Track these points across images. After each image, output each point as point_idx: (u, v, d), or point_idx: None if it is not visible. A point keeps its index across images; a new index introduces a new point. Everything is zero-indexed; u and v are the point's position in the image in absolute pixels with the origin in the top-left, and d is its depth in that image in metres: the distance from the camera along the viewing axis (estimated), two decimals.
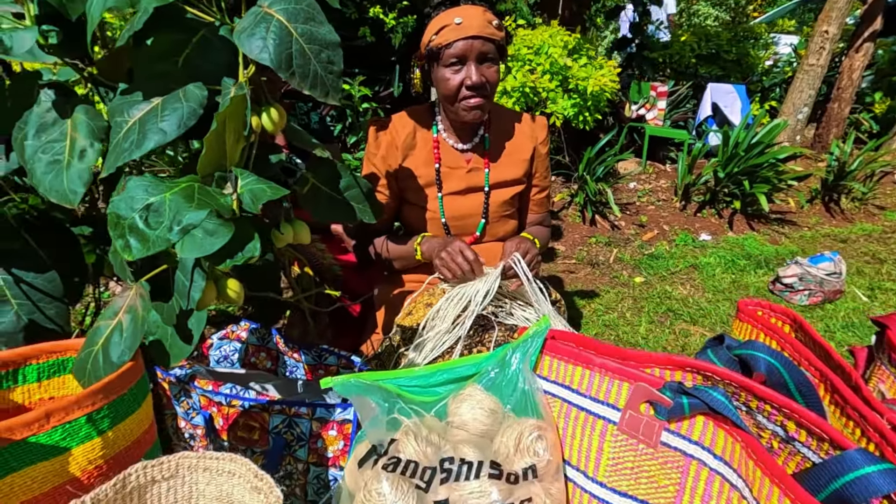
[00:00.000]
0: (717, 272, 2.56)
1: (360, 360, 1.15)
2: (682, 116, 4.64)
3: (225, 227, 0.60)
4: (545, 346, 0.66)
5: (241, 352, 1.27)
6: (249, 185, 0.61)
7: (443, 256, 1.04)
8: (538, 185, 1.27)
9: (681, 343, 1.99)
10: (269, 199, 0.60)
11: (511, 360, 0.65)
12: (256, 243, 0.64)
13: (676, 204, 3.43)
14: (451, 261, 1.03)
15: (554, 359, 0.65)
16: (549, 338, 0.68)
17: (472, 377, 0.70)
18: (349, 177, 1.11)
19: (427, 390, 0.71)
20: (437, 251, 1.07)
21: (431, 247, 1.12)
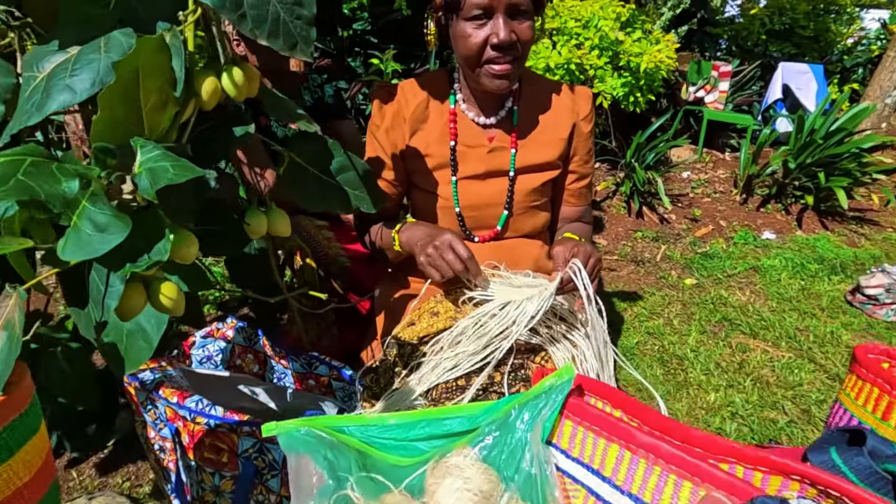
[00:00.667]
0: (783, 277, 2.24)
1: (352, 373, 0.98)
2: (747, 100, 4.19)
3: (119, 222, 0.43)
4: (567, 404, 0.46)
5: (227, 352, 1.12)
6: (150, 163, 0.44)
7: (429, 253, 0.85)
8: (577, 172, 1.04)
9: (738, 360, 1.72)
10: (171, 181, 0.43)
11: (516, 423, 0.45)
12: (166, 243, 0.47)
13: (736, 197, 3.08)
14: (438, 258, 0.84)
15: (579, 425, 0.45)
16: (573, 388, 0.48)
17: (464, 435, 0.51)
18: (342, 156, 0.93)
19: (404, 445, 0.53)
20: (422, 246, 0.88)
21: (413, 238, 0.93)
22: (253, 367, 1.12)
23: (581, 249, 0.83)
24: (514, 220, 1.01)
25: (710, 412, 1.51)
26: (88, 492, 1.30)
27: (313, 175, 0.91)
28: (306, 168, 0.90)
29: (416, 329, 0.90)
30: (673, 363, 1.72)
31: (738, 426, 1.45)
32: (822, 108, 2.98)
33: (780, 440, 1.40)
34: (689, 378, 1.64)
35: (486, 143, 0.97)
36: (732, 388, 1.61)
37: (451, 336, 0.81)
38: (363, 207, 0.93)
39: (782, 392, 1.58)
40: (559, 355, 0.83)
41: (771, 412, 1.51)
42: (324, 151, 0.91)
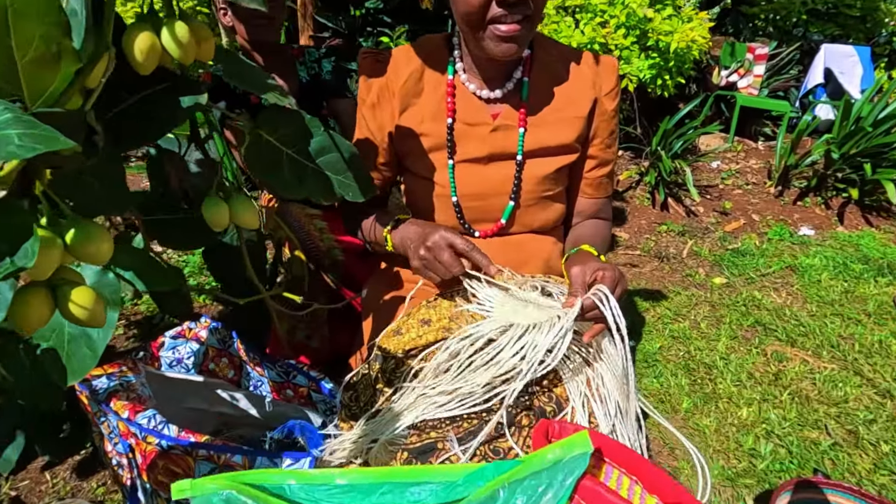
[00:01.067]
0: (824, 278, 2.04)
1: (332, 386, 0.85)
2: (784, 85, 3.92)
3: None
4: (579, 487, 0.32)
5: (199, 355, 1.01)
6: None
7: (423, 256, 0.72)
8: (597, 158, 0.89)
9: (773, 370, 1.56)
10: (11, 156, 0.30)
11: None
12: (34, 244, 0.35)
13: (770, 189, 2.86)
14: (433, 261, 0.70)
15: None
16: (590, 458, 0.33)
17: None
18: (324, 136, 0.80)
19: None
20: (414, 248, 0.74)
21: (405, 238, 0.80)
22: (228, 373, 1.00)
23: (607, 274, 0.68)
24: (522, 212, 0.86)
25: (743, 430, 1.35)
26: (60, 497, 1.21)
27: (289, 157, 0.78)
28: (280, 149, 0.77)
29: (402, 339, 0.77)
30: (700, 372, 1.56)
31: (773, 447, 1.30)
32: (870, 94, 2.73)
33: (824, 469, 1.24)
34: (719, 389, 1.48)
35: (489, 120, 0.82)
36: (767, 402, 1.44)
37: (436, 363, 0.68)
38: (349, 196, 0.80)
39: (824, 409, 1.41)
40: (572, 382, 0.69)
41: (812, 432, 1.35)
42: (301, 129, 0.78)
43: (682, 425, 1.38)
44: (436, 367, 0.68)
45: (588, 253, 0.77)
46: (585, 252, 0.78)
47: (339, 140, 0.79)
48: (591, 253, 0.77)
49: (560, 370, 0.70)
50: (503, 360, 0.64)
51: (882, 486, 1.19)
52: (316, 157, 0.79)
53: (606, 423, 0.65)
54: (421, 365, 0.71)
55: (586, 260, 0.72)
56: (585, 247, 0.80)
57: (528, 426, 0.65)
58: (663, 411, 1.43)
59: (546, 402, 0.67)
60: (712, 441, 1.32)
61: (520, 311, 0.71)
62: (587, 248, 0.79)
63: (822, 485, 0.95)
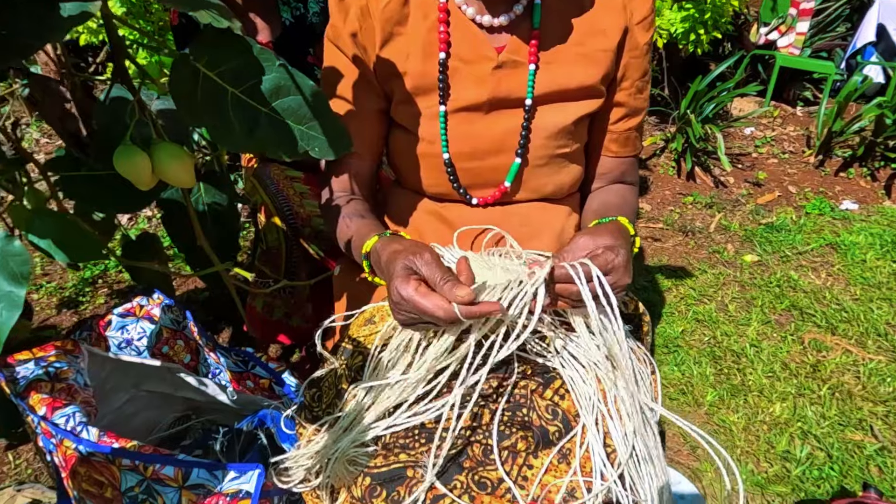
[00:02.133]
0: (869, 257, 1.84)
1: (294, 384, 0.71)
2: (829, 44, 3.58)
3: None
4: None
5: (153, 336, 0.88)
6: None
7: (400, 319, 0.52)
8: (626, 105, 0.71)
9: (811, 361, 1.39)
10: None
11: None
12: None
13: (810, 158, 2.61)
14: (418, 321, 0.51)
15: None
16: None
17: None
18: (279, 72, 0.64)
19: None
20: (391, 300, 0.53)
21: (381, 266, 0.58)
22: (184, 357, 0.87)
23: (605, 254, 0.51)
24: (531, 174, 0.69)
25: (775, 429, 1.20)
26: (19, 482, 1.12)
27: (235, 99, 0.62)
28: (223, 87, 0.61)
29: (375, 329, 0.62)
30: (727, 360, 1.40)
31: (810, 450, 1.14)
32: None
33: (869, 477, 1.09)
34: (748, 381, 1.33)
35: (491, 55, 0.64)
36: (803, 397, 1.28)
37: (394, 348, 0.53)
38: (316, 151, 0.64)
39: (869, 407, 1.25)
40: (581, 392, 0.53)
41: (855, 433, 1.19)
42: (250, 63, 0.62)
43: (705, 421, 1.23)
44: (394, 354, 0.53)
45: (609, 226, 0.59)
46: (613, 226, 0.60)
47: (301, 78, 0.62)
48: (620, 227, 0.59)
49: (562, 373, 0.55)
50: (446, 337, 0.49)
51: None
52: (271, 99, 0.62)
53: (625, 448, 0.50)
54: (392, 358, 0.57)
55: (603, 233, 0.55)
56: (622, 219, 0.62)
57: (524, 451, 0.50)
58: (685, 404, 1.29)
59: (549, 420, 0.52)
60: (740, 441, 1.17)
61: (484, 274, 0.55)
62: (624, 221, 0.61)
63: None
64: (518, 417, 0.52)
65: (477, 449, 0.51)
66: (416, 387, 0.51)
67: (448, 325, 0.49)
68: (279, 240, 1.11)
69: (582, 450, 0.49)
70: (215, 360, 0.80)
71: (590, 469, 0.50)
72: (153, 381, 0.99)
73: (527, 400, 0.53)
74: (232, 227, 1.06)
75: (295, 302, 1.19)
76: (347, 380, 0.60)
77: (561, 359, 0.55)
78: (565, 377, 0.54)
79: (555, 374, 0.55)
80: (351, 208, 0.71)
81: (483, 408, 0.53)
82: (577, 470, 0.48)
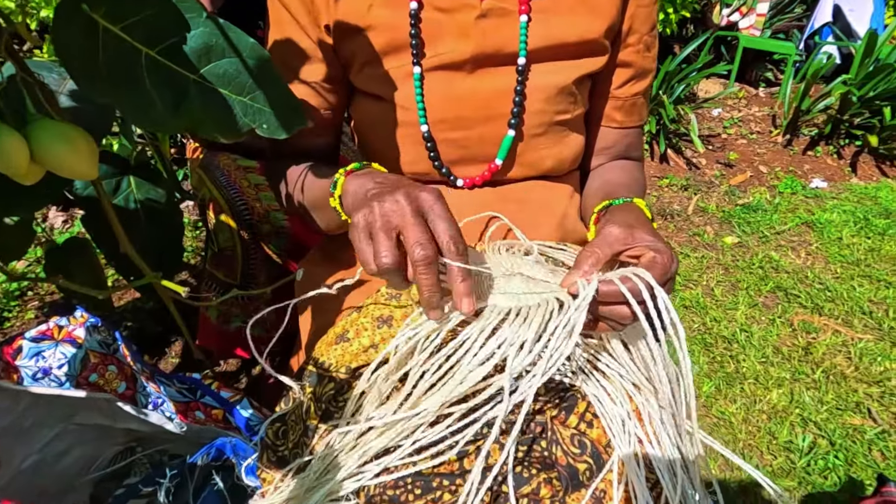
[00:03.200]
0: (845, 235, 1.84)
1: (250, 415, 0.58)
2: (787, 25, 3.63)
3: None
4: None
5: (77, 362, 0.72)
6: None
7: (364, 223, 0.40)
8: (633, 65, 0.60)
9: (802, 343, 1.35)
10: None
11: None
12: None
13: (777, 138, 2.62)
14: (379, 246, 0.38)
15: None
16: None
17: None
18: (208, 27, 0.50)
19: None
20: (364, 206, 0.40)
21: (357, 194, 0.45)
22: (117, 386, 0.73)
23: (659, 259, 0.40)
24: (527, 145, 0.58)
25: (774, 418, 1.15)
26: None
27: (151, 62, 0.48)
28: (134, 48, 0.47)
29: (349, 348, 0.50)
30: (719, 347, 1.34)
31: (813, 438, 1.10)
32: (888, 36, 2.47)
33: (873, 462, 1.05)
34: (743, 368, 1.27)
35: (473, 1, 0.53)
36: (799, 381, 1.24)
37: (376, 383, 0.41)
38: (263, 129, 0.51)
39: (864, 388, 1.22)
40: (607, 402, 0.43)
41: (853, 417, 1.15)
42: (166, 14, 0.48)
43: (704, 413, 1.17)
44: (377, 388, 0.42)
45: (640, 212, 0.49)
46: (636, 209, 0.50)
47: (238, 36, 0.49)
48: (644, 214, 0.49)
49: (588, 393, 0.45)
50: (462, 375, 0.38)
51: None
52: (199, 63, 0.49)
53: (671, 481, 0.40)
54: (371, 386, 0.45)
55: (633, 224, 0.44)
56: (639, 201, 0.52)
57: (549, 499, 0.40)
58: None
59: (577, 456, 0.41)
60: (741, 433, 1.11)
61: (501, 285, 0.44)
62: (641, 203, 0.51)
63: None
64: (536, 454, 0.42)
65: (487, 497, 0.40)
66: (416, 431, 0.39)
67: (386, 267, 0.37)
68: (233, 240, 0.97)
69: (620, 490, 0.39)
70: (155, 389, 0.66)
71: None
72: (86, 412, 0.83)
73: (546, 430, 0.43)
74: (173, 227, 0.90)
75: (255, 308, 1.05)
76: (317, 413, 0.48)
77: (583, 374, 0.45)
78: (590, 397, 0.44)
79: (576, 394, 0.45)
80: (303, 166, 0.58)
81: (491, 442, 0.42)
82: None
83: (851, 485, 0.99)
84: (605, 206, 0.54)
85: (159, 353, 1.26)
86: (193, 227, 1.67)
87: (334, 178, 0.48)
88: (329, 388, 0.49)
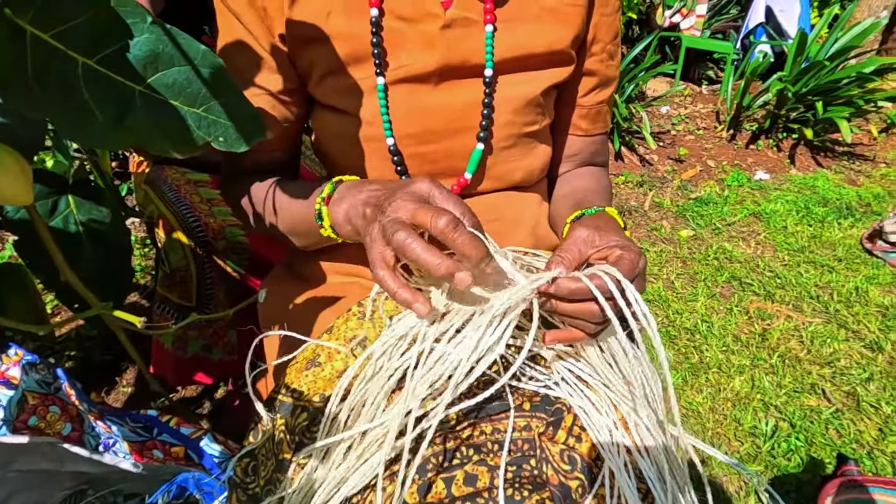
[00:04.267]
0: (789, 223, 1.94)
1: (218, 452, 0.54)
2: (724, 26, 3.82)
3: None
4: None
5: (13, 405, 0.66)
6: None
7: (397, 238, 0.37)
8: (597, 74, 0.60)
9: (758, 330, 1.41)
10: None
11: None
12: None
13: (722, 133, 2.75)
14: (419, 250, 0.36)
15: None
16: None
17: None
18: (154, 32, 0.47)
19: None
20: (372, 226, 0.41)
21: (354, 209, 0.44)
22: (61, 428, 0.66)
23: (627, 255, 0.41)
24: (497, 158, 0.57)
25: (738, 404, 1.19)
26: None
27: (89, 72, 0.44)
28: (68, 56, 0.43)
29: (322, 373, 0.47)
30: (683, 339, 1.38)
31: (775, 422, 1.14)
32: (820, 30, 2.63)
33: (830, 440, 1.10)
34: (706, 358, 1.31)
35: (437, 10, 0.51)
36: (758, 367, 1.29)
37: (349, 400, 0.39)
38: (220, 142, 0.47)
39: (817, 370, 1.28)
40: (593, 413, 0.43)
41: (810, 398, 1.21)
42: (105, 18, 0.44)
43: None
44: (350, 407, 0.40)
45: (610, 219, 0.49)
46: (606, 216, 0.50)
47: (188, 42, 0.45)
48: (615, 221, 0.49)
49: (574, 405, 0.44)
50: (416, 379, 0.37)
51: (893, 456, 1.06)
52: (146, 73, 0.44)
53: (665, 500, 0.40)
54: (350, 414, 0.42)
55: (602, 227, 0.45)
56: (611, 210, 0.52)
57: None
58: None
59: (568, 473, 0.40)
60: (709, 422, 1.15)
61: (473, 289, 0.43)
62: (612, 213, 0.51)
63: (869, 483, 0.79)
64: (525, 473, 0.40)
65: None
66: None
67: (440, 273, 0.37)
68: (186, 259, 0.91)
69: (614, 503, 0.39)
70: (105, 430, 0.61)
71: None
72: (28, 457, 0.76)
73: (533, 447, 0.42)
74: (120, 249, 0.84)
75: (214, 331, 0.99)
76: (290, 447, 0.45)
77: (566, 384, 0.44)
78: (576, 409, 0.43)
79: (561, 407, 0.44)
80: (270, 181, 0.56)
81: (477, 465, 0.40)
82: None
83: (813, 465, 1.03)
84: (578, 216, 0.54)
85: (109, 384, 1.18)
86: (141, 245, 1.57)
87: (315, 208, 0.48)
88: (302, 419, 0.45)
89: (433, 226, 0.37)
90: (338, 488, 0.41)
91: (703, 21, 3.56)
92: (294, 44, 0.51)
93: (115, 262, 0.81)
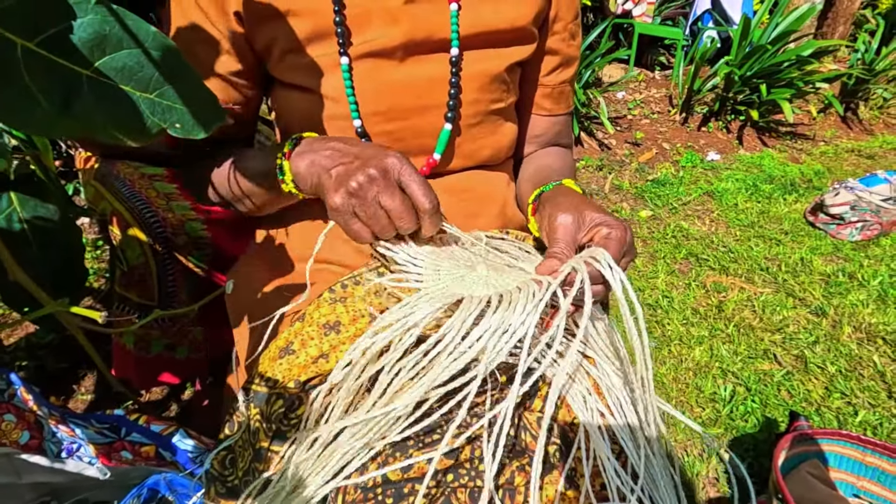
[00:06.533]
0: (739, 201, 2.03)
1: (192, 446, 0.53)
2: (673, 13, 3.93)
3: None
4: None
5: None
6: None
7: (354, 189, 0.42)
8: (559, 53, 0.62)
9: (714, 302, 1.48)
10: None
11: None
12: None
13: (676, 117, 2.84)
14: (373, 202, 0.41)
15: None
16: None
17: None
18: (99, 12, 0.44)
19: None
20: (339, 176, 0.43)
21: (320, 162, 0.45)
22: (19, 437, 0.63)
23: (614, 233, 0.44)
24: (465, 137, 0.58)
25: (699, 373, 1.25)
26: None
27: (29, 55, 0.41)
28: (9, 40, 0.40)
29: (296, 360, 0.46)
30: (646, 314, 1.44)
31: (732, 387, 1.21)
32: (762, 15, 2.75)
33: (782, 400, 1.17)
34: (668, 331, 1.37)
35: None
36: (716, 337, 1.36)
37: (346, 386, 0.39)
38: (177, 129, 0.46)
39: (769, 336, 1.36)
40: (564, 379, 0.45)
41: (763, 363, 1.28)
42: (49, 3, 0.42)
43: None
44: (346, 392, 0.40)
45: (575, 193, 0.51)
46: (570, 191, 0.51)
47: (137, 23, 0.43)
48: (578, 193, 0.51)
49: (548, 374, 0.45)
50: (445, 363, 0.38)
51: (838, 411, 1.14)
52: (92, 56, 0.42)
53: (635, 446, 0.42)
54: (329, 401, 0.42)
55: (579, 206, 0.46)
56: (568, 182, 0.53)
57: (524, 485, 0.40)
58: None
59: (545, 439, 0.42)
60: (672, 391, 1.20)
61: (466, 276, 0.45)
62: (570, 184, 0.53)
63: (818, 435, 0.84)
64: (506, 443, 0.42)
65: (462, 496, 0.39)
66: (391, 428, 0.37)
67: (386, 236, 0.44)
68: (145, 256, 0.87)
69: (590, 465, 0.40)
70: (68, 434, 0.58)
71: (600, 485, 0.41)
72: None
73: (512, 418, 0.43)
74: (71, 247, 0.80)
75: (178, 329, 0.96)
76: (267, 435, 0.44)
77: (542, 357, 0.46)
78: (551, 377, 0.44)
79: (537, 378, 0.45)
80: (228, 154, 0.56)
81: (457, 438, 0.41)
82: (589, 492, 0.39)
83: (768, 424, 1.10)
84: (538, 195, 0.55)
85: (66, 393, 1.12)
86: (93, 247, 1.49)
87: (276, 163, 0.47)
88: (278, 407, 0.45)
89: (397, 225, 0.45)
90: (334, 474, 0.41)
91: (653, 8, 3.66)
92: (251, 21, 0.50)
93: (65, 259, 0.77)
